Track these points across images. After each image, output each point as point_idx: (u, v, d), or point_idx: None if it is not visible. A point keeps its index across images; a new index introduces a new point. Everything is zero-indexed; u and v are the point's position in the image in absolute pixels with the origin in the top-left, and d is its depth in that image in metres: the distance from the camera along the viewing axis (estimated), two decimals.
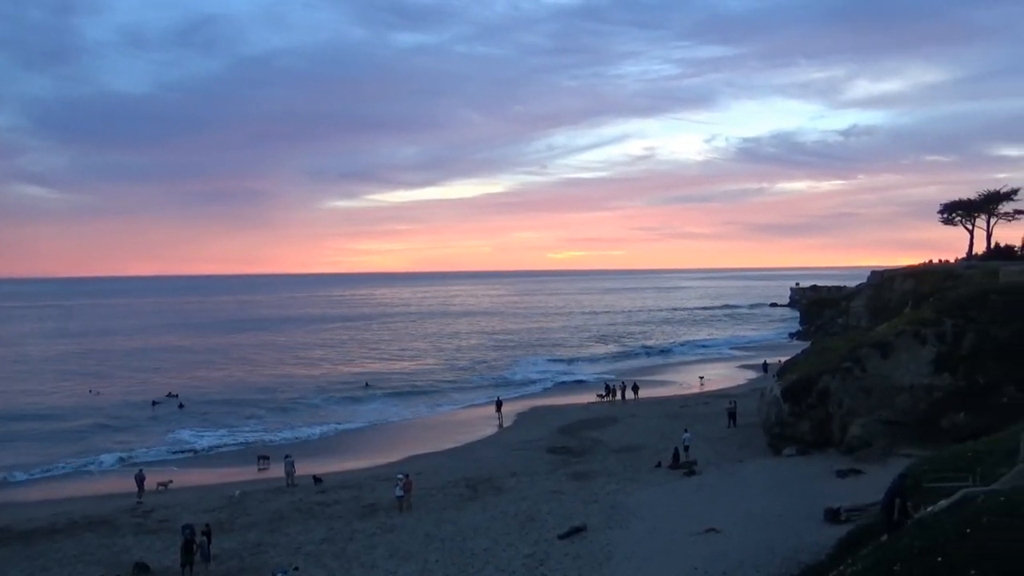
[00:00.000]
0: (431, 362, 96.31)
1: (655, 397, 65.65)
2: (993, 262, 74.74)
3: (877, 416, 38.56)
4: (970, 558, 10.63)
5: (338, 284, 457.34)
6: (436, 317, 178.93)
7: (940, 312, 41.39)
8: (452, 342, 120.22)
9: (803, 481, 33.82)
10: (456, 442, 50.60)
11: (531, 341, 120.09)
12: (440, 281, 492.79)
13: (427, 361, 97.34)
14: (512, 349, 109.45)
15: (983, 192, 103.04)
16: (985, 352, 38.03)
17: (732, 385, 70.66)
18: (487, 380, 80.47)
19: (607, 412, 58.23)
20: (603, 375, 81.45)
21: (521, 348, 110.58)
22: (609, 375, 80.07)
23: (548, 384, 78.22)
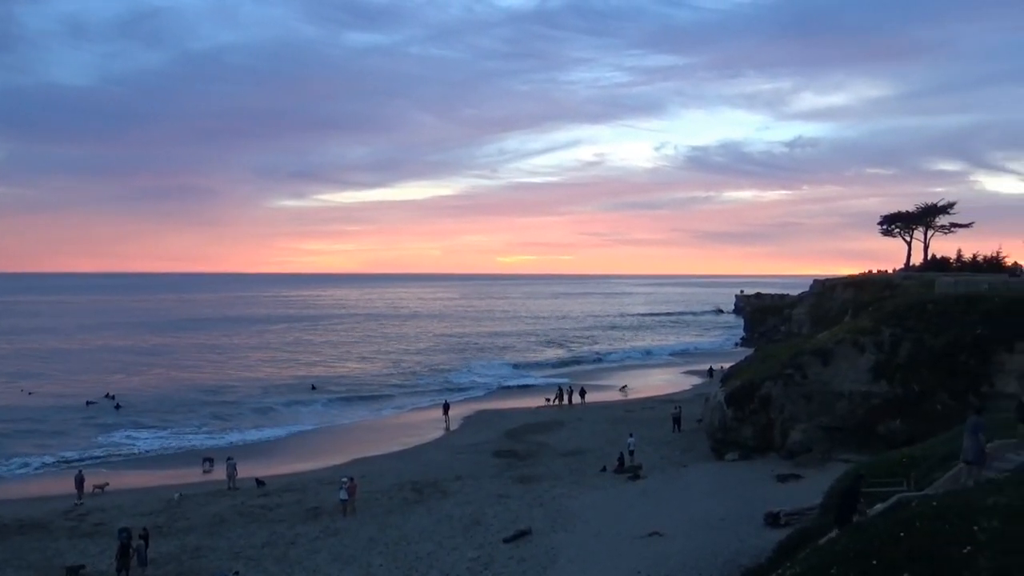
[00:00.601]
0: (378, 365, 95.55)
1: (601, 401, 66.07)
2: (930, 273, 76.73)
3: (817, 422, 39.35)
4: (903, 561, 10.90)
5: (286, 284, 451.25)
6: (384, 319, 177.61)
7: (878, 321, 42.40)
8: (400, 345, 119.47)
9: (745, 485, 34.36)
10: (402, 445, 50.29)
11: (479, 345, 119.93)
12: (389, 283, 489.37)
13: (374, 363, 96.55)
14: (460, 352, 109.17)
15: (921, 205, 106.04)
16: (920, 361, 39.06)
17: (677, 390, 71.45)
18: (434, 383, 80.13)
19: (554, 416, 58.44)
20: (551, 379, 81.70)
21: (469, 351, 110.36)
22: (557, 379, 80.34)
23: (495, 388, 78.18)
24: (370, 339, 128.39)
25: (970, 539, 10.54)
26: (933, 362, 38.70)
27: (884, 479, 19.80)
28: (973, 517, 11.23)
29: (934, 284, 51.19)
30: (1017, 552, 9.65)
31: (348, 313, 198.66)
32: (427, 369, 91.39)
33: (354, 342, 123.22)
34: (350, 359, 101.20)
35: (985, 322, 38.56)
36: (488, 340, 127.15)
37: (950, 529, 11.16)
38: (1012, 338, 37.19)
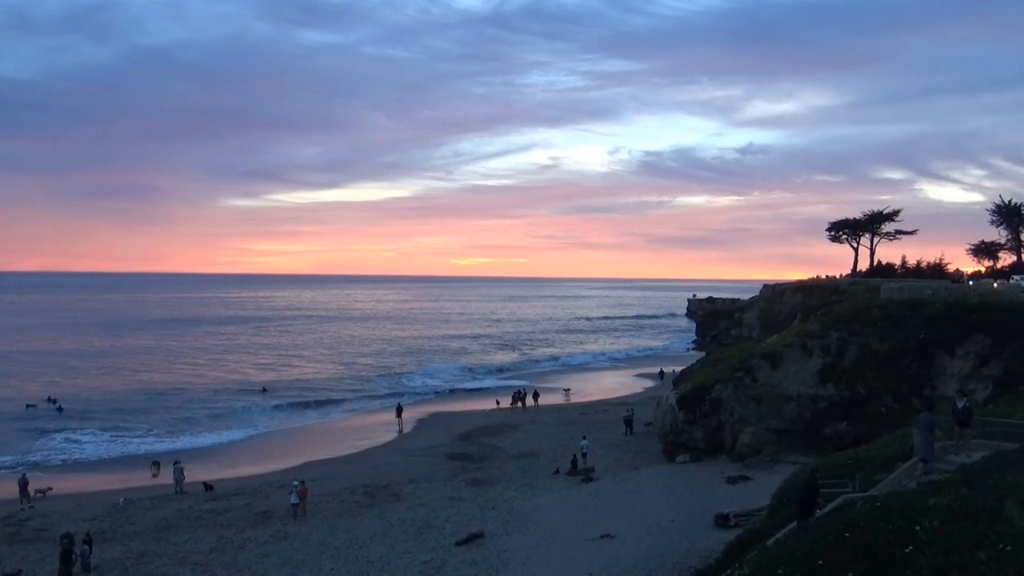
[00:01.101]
0: (331, 367, 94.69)
1: (555, 404, 66.33)
2: (875, 279, 78.61)
3: (766, 424, 40.00)
4: (848, 561, 11.12)
5: (237, 285, 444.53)
6: (337, 321, 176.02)
7: (826, 325, 43.26)
8: (353, 347, 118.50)
9: (695, 487, 34.78)
10: (354, 448, 49.90)
11: (433, 347, 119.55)
12: (342, 284, 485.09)
13: (326, 366, 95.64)
14: (414, 355, 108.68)
15: (868, 212, 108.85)
16: (866, 364, 39.95)
17: (630, 393, 72.06)
18: (387, 386, 79.67)
19: (507, 419, 58.50)
20: (505, 382, 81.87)
21: (423, 354, 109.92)
22: (511, 382, 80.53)
23: (449, 390, 77.96)
24: (322, 341, 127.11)
25: (912, 539, 10.80)
26: (878, 365, 39.62)
27: (830, 480, 20.19)
28: (915, 517, 11.50)
29: (880, 290, 52.36)
30: (956, 551, 9.92)
31: (300, 315, 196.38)
32: (380, 372, 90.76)
33: (306, 344, 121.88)
34: (302, 361, 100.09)
35: (928, 327, 39.60)
36: (442, 343, 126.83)
37: (893, 529, 11.42)
38: (953, 343, 38.27)
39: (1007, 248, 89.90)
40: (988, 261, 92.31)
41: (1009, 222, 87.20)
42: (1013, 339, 36.78)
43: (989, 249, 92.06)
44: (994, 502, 11.23)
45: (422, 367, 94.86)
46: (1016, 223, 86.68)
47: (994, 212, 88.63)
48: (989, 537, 10.02)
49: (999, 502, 11.16)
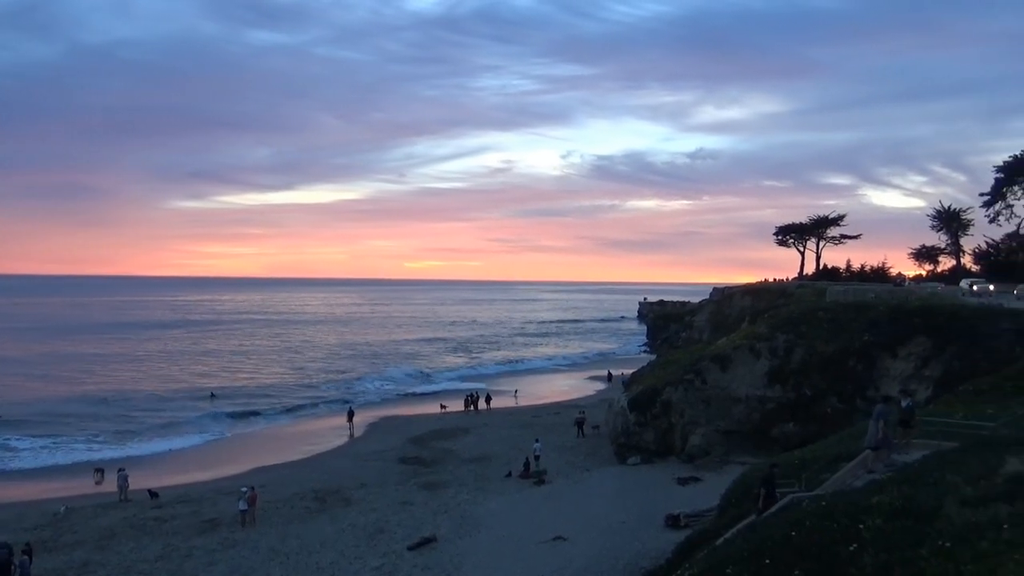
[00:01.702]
0: (281, 371, 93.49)
1: (507, 407, 66.38)
2: (821, 282, 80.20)
3: (715, 426, 40.54)
4: (794, 559, 11.33)
5: (183, 288, 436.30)
6: (287, 325, 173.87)
7: (773, 328, 44.01)
8: (303, 351, 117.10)
9: (646, 489, 35.08)
10: (304, 453, 49.34)
11: (385, 350, 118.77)
12: (293, 288, 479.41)
13: (276, 370, 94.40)
14: (365, 358, 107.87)
15: (813, 217, 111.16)
16: (812, 366, 40.75)
17: (582, 396, 72.44)
18: (339, 390, 78.87)
19: (460, 422, 58.37)
20: (458, 385, 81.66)
21: (375, 357, 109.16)
22: (463, 385, 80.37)
23: (401, 394, 77.50)
24: (272, 345, 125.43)
25: (856, 537, 11.04)
26: (824, 367, 40.44)
27: (777, 480, 20.50)
28: (859, 516, 11.76)
29: (825, 293, 53.45)
30: (898, 548, 10.16)
31: (249, 319, 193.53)
32: (331, 376, 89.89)
33: (255, 348, 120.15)
34: (251, 366, 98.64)
35: (871, 329, 40.56)
36: (394, 346, 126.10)
37: (838, 528, 11.66)
38: (895, 344, 39.25)
39: (947, 252, 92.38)
40: (929, 265, 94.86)
41: (948, 227, 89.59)
42: (953, 341, 37.85)
43: (930, 253, 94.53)
44: (934, 500, 11.53)
45: (374, 371, 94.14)
46: (955, 228, 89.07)
47: (934, 217, 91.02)
48: (930, 534, 10.29)
49: (939, 500, 11.46)
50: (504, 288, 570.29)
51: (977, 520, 10.22)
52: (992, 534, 9.61)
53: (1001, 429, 17.58)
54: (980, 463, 13.09)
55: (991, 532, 9.67)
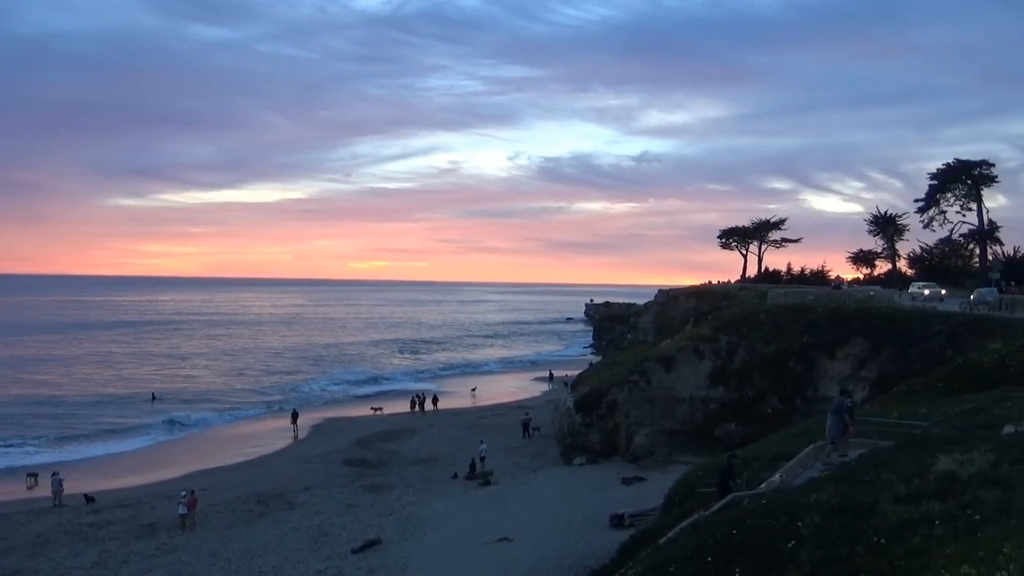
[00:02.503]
0: (223, 373, 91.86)
1: (454, 408, 66.25)
2: (763, 285, 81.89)
3: (660, 426, 41.01)
4: (735, 556, 11.52)
5: (123, 287, 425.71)
6: (230, 325, 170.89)
7: (716, 330, 44.73)
8: (247, 352, 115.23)
9: (592, 489, 35.32)
10: (246, 456, 48.58)
11: (330, 352, 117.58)
12: (236, 287, 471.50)
13: (218, 372, 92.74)
14: (310, 360, 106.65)
15: (756, 221, 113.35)
16: (753, 367, 41.50)
17: (527, 397, 72.65)
18: (283, 392, 77.83)
19: (405, 424, 58.08)
20: (404, 387, 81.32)
21: (319, 359, 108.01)
22: (410, 387, 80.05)
23: (347, 396, 76.88)
24: (214, 346, 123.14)
25: (795, 534, 11.26)
26: (765, 368, 41.21)
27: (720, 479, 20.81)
28: (797, 513, 11.99)
29: (767, 295, 54.46)
30: (835, 545, 10.39)
31: (191, 319, 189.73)
32: (275, 377, 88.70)
33: (197, 350, 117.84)
34: (192, 368, 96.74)
35: (810, 331, 41.46)
36: (339, 347, 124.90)
37: (777, 525, 11.87)
38: (834, 346, 40.15)
39: (883, 256, 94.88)
40: (866, 268, 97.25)
41: (885, 232, 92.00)
42: (888, 343, 38.83)
43: (867, 257, 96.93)
44: (870, 498, 11.82)
45: (318, 372, 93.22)
46: (891, 233, 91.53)
47: (871, 222, 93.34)
48: (865, 531, 10.54)
49: (875, 498, 11.75)
50: (451, 289, 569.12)
51: (910, 517, 10.49)
52: (924, 530, 9.88)
53: (933, 428, 18.10)
54: (913, 461, 13.46)
55: (923, 528, 9.94)
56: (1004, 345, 29.85)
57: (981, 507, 10.09)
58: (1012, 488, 10.61)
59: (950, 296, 53.49)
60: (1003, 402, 20.42)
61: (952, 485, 11.38)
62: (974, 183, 78.40)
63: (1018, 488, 10.54)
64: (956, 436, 15.46)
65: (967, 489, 11.03)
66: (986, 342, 32.67)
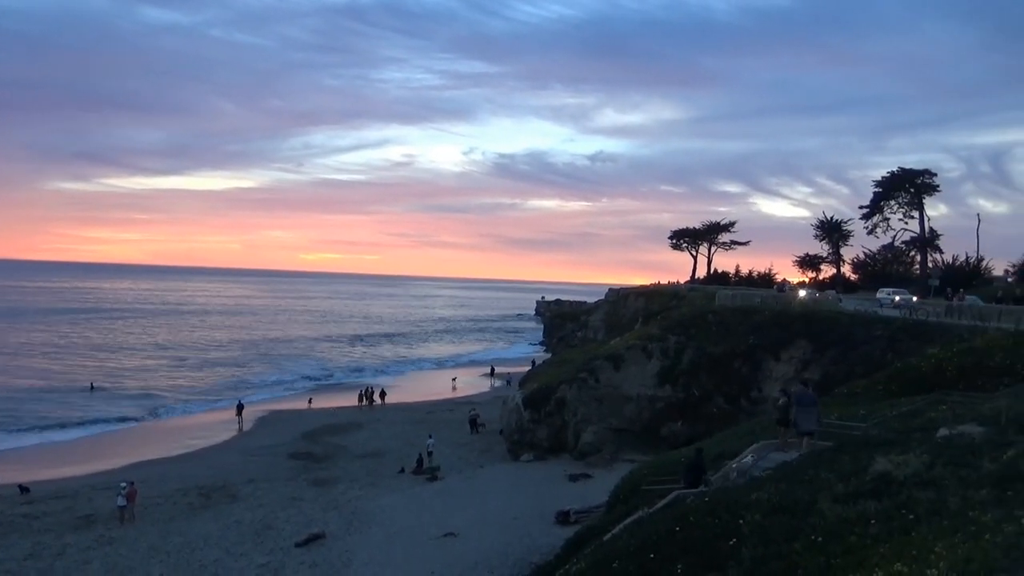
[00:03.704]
0: (166, 363, 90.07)
1: (402, 403, 65.93)
2: (712, 286, 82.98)
3: (607, 424, 41.36)
4: (678, 553, 11.69)
5: (64, 273, 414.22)
6: (176, 315, 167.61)
7: (665, 329, 45.25)
8: (192, 342, 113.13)
9: (538, 485, 35.49)
10: (189, 447, 47.77)
11: (278, 343, 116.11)
12: (183, 276, 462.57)
13: (161, 362, 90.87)
14: (257, 351, 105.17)
15: (706, 223, 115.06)
16: (701, 367, 42.09)
17: (476, 392, 72.68)
18: (228, 383, 76.61)
19: (353, 417, 57.67)
20: (352, 380, 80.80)
21: (266, 350, 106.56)
22: (358, 380, 79.55)
23: (294, 388, 76.02)
24: (158, 336, 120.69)
25: (736, 532, 11.46)
26: (712, 368, 41.83)
27: (664, 477, 21.09)
28: (739, 512, 12.21)
29: (715, 296, 55.21)
30: (775, 543, 10.60)
31: (135, 307, 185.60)
32: (220, 368, 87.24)
33: (140, 339, 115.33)
34: (135, 357, 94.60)
35: (756, 332, 42.18)
36: (287, 339, 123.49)
37: (719, 523, 12.08)
38: (778, 347, 40.93)
39: (828, 261, 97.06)
40: (812, 272, 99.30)
41: (830, 237, 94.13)
42: (831, 345, 39.71)
43: (813, 261, 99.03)
44: (809, 497, 12.09)
45: (265, 364, 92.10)
46: (836, 238, 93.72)
47: (818, 227, 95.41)
48: (804, 529, 10.77)
49: (814, 496, 12.02)
50: (402, 283, 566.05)
51: (847, 516, 10.76)
52: (860, 529, 10.14)
53: (871, 430, 18.55)
54: (852, 462, 13.79)
55: (860, 527, 10.20)
56: (941, 350, 30.75)
57: (915, 507, 10.38)
58: (945, 489, 10.93)
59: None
60: (938, 405, 21.01)
61: (888, 486, 11.69)
62: (917, 192, 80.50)
63: (950, 489, 10.86)
64: (893, 438, 15.87)
65: (902, 490, 11.33)
66: (925, 347, 33.63)
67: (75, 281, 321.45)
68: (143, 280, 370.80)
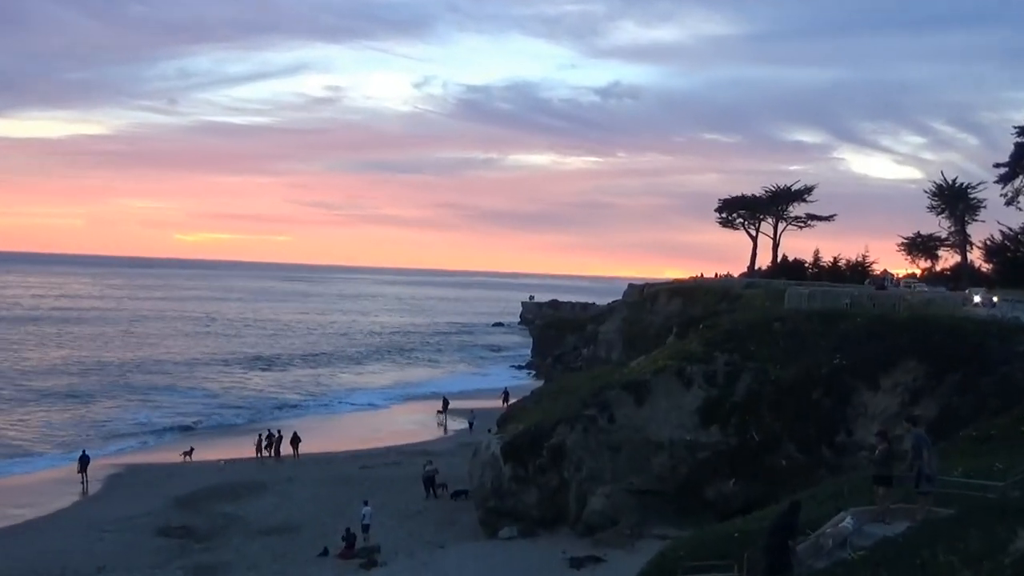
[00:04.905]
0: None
1: (324, 453, 65.95)
2: (779, 281, 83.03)
3: (626, 484, 41.31)
4: None
5: None
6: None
7: (711, 345, 45.23)
8: (13, 365, 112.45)
9: (527, 574, 35.47)
10: (12, 519, 47.73)
11: (140, 365, 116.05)
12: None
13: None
14: (111, 376, 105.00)
15: (771, 188, 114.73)
16: (763, 399, 42.08)
17: (432, 438, 72.79)
18: (67, 426, 76.32)
19: (252, 474, 57.60)
20: (249, 420, 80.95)
21: (122, 375, 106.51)
22: (257, 420, 79.51)
23: (163, 432, 76.06)
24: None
25: None
26: (779, 402, 41.82)
27: (709, 561, 21.07)
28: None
29: (785, 296, 55.30)
30: None
31: None
32: (55, 402, 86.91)
33: None
34: None
35: (845, 348, 42.19)
36: (155, 359, 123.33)
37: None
38: (876, 371, 40.92)
39: (949, 244, 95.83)
40: (926, 260, 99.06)
41: (953, 209, 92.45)
42: (953, 368, 39.65)
43: (927, 244, 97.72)
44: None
45: (120, 395, 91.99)
46: (962, 211, 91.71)
47: (933, 195, 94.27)
48: None
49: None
50: (324, 276, 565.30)
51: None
52: None
53: (1012, 491, 18.59)
54: (984, 538, 13.83)
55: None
56: None
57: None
58: None
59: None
60: None
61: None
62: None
63: None
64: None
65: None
66: None
67: None
68: None
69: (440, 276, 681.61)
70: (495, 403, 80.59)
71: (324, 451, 66.72)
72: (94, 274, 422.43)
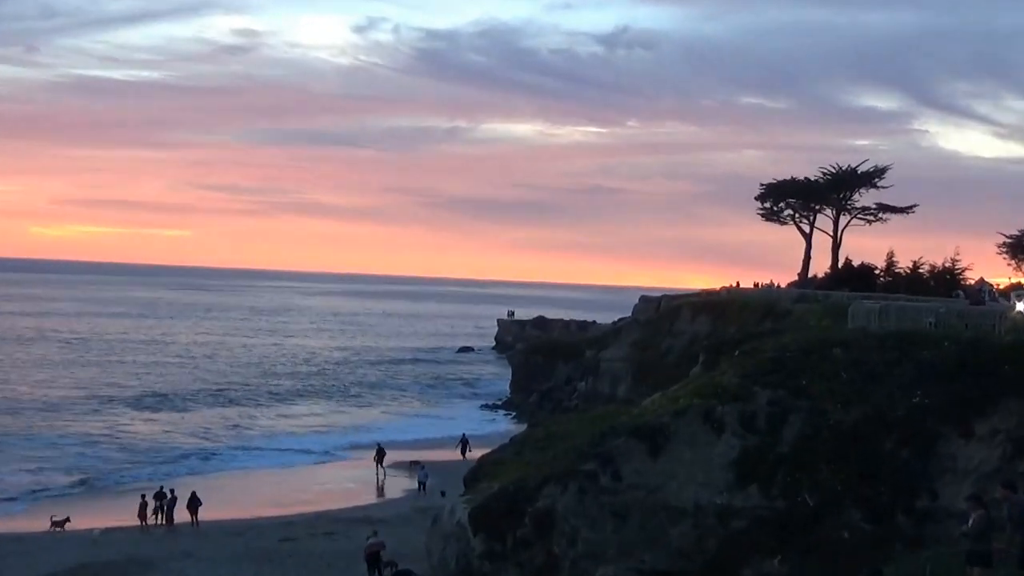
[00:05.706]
0: None
1: (231, 521, 65.89)
2: (840, 292, 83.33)
3: (636, 562, 41.38)
4: None
5: None
6: None
7: (750, 377, 45.32)
8: None
9: None
10: None
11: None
12: None
13: None
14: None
15: (830, 170, 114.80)
16: (818, 449, 42.15)
17: (377, 501, 72.86)
18: None
19: (134, 549, 57.45)
20: (134, 477, 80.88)
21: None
22: (144, 477, 79.40)
23: (24, 496, 76.22)
24: None
25: None
26: (839, 453, 41.91)
27: None
28: None
29: (848, 313, 55.53)
30: None
31: None
32: None
33: None
34: None
35: (927, 384, 42.30)
36: (13, 396, 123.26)
37: None
38: (969, 414, 40.99)
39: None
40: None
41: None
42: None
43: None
44: None
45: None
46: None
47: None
48: None
49: None
50: (236, 284, 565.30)
51: None
52: None
53: None
54: None
55: None
56: None
57: None
58: None
59: None
60: None
61: None
62: None
63: None
64: None
65: None
66: None
67: None
68: None
69: (389, 284, 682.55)
70: (453, 455, 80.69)
71: (233, 518, 66.72)
72: None
